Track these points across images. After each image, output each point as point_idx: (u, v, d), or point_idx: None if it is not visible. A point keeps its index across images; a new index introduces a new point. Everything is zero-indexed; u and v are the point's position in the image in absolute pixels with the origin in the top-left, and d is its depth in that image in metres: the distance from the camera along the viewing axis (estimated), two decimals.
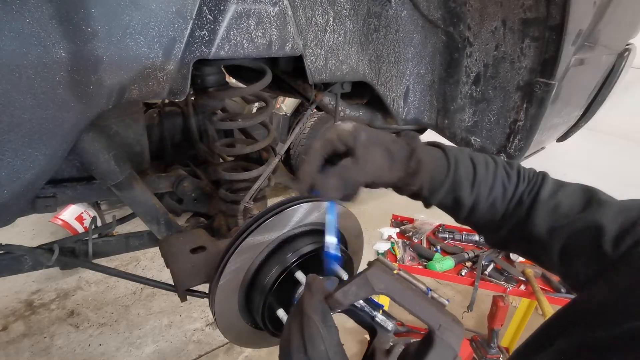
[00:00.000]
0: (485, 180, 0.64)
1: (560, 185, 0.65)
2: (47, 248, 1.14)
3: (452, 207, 0.67)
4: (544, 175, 0.66)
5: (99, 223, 1.87)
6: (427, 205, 0.68)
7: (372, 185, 0.63)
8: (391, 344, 0.59)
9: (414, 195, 0.67)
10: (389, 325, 0.57)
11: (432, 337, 0.47)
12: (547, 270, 0.73)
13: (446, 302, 0.51)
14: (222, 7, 0.79)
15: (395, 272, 0.52)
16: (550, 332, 0.58)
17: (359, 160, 0.59)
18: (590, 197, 0.61)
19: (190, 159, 1.57)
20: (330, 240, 0.64)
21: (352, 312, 0.56)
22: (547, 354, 0.53)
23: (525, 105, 1.12)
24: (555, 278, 2.19)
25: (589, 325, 0.51)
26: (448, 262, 2.21)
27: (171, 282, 1.03)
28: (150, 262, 3.21)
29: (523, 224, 0.64)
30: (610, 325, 0.48)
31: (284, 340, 0.52)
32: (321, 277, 0.55)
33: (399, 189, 0.66)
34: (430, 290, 0.54)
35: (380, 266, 0.52)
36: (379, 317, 0.57)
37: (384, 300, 1.98)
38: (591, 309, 0.54)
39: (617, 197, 0.61)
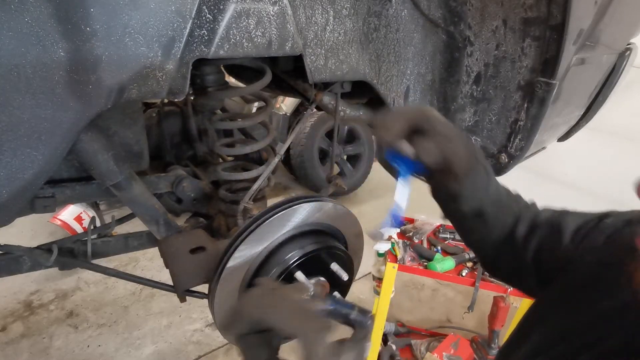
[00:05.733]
0: (503, 202, 0.67)
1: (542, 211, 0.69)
2: (46, 248, 1.14)
3: (472, 217, 0.66)
4: (534, 206, 0.71)
5: (98, 223, 1.86)
6: (455, 210, 0.67)
7: (442, 167, 0.61)
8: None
9: (448, 196, 0.66)
10: (367, 320, 0.62)
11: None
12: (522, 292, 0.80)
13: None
14: (221, 6, 0.78)
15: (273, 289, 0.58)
16: (527, 328, 0.62)
17: (451, 137, 0.59)
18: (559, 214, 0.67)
19: (189, 159, 1.57)
20: (400, 203, 0.64)
21: (330, 316, 0.61)
22: (526, 349, 0.55)
23: (526, 105, 1.11)
24: None
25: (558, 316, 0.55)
26: (449, 263, 2.20)
27: (170, 283, 1.02)
28: (149, 262, 3.20)
29: (517, 254, 0.67)
30: (573, 314, 0.52)
31: None
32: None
33: (442, 184, 0.65)
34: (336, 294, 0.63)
35: (255, 291, 0.58)
36: (353, 314, 0.62)
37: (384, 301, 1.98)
38: (556, 302, 0.58)
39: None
